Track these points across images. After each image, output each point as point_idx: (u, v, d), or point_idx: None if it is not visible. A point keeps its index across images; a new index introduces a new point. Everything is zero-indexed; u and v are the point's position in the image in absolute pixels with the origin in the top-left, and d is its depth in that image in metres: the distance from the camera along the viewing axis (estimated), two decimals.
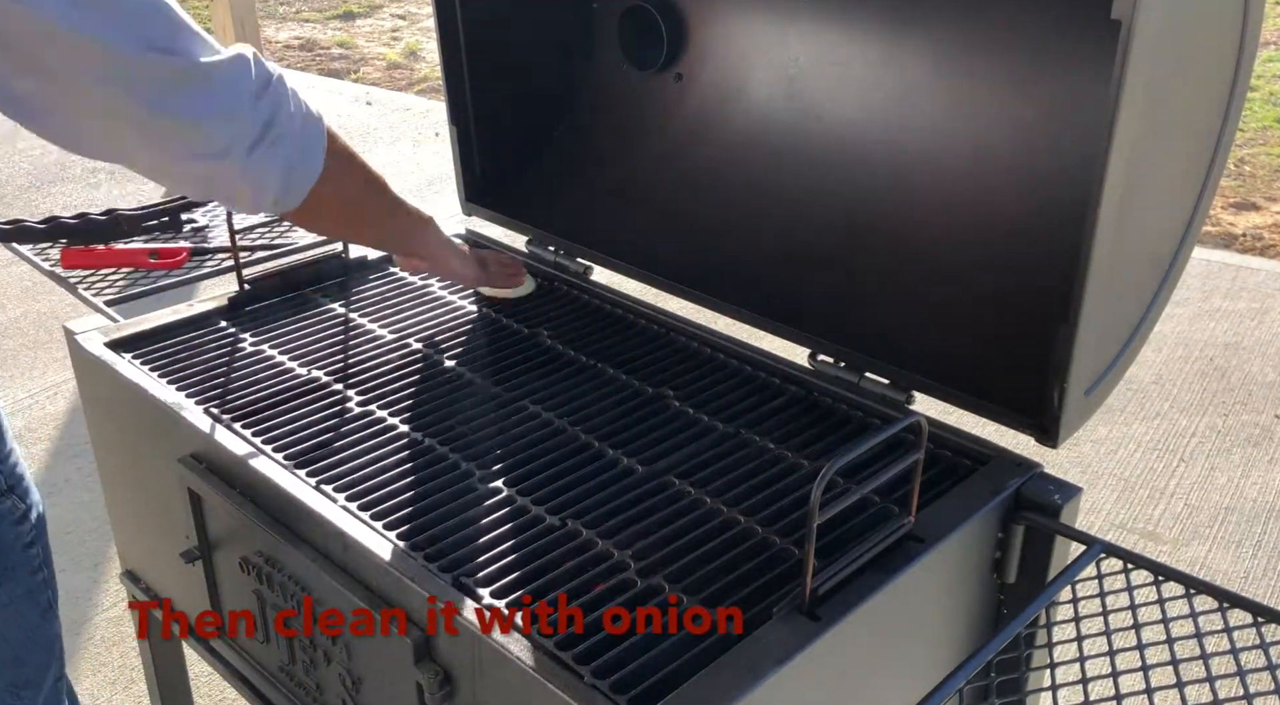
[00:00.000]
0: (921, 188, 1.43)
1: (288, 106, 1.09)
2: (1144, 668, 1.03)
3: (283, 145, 1.08)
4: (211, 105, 1.01)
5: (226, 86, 1.02)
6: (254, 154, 1.06)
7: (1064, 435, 1.19)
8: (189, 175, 1.06)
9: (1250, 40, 1.15)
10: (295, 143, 1.10)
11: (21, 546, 1.12)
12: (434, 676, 1.05)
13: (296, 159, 1.11)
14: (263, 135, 1.06)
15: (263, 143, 1.06)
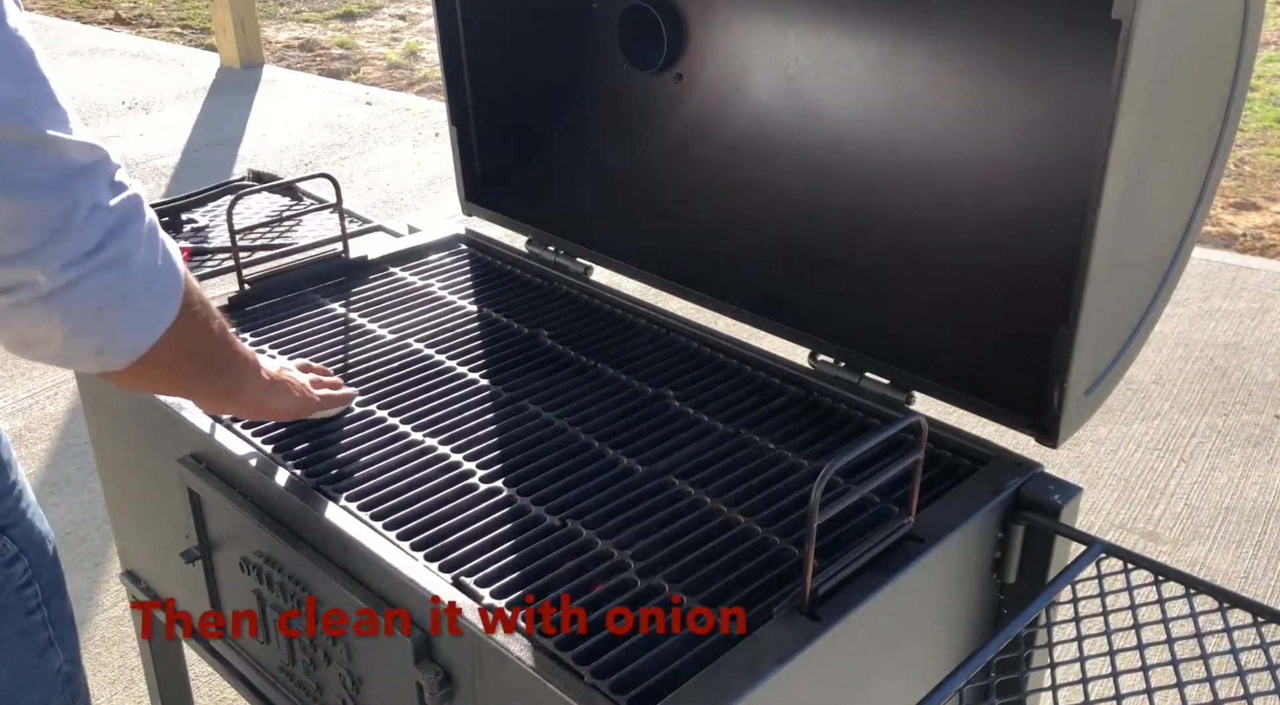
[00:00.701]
0: (921, 187, 1.43)
1: (141, 230, 0.86)
2: (1144, 668, 1.03)
3: (119, 271, 0.84)
4: (36, 180, 0.79)
5: (67, 166, 0.80)
6: (73, 269, 0.81)
7: (1064, 435, 1.19)
8: None
9: (1250, 40, 1.15)
10: (140, 275, 0.86)
11: (14, 588, 1.03)
12: (434, 676, 1.05)
13: (139, 297, 0.87)
14: (95, 249, 0.82)
15: (91, 259, 0.82)
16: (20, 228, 0.79)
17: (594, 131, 1.81)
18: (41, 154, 0.79)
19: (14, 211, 0.78)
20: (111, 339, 0.87)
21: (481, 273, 1.75)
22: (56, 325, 0.83)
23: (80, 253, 0.81)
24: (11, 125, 0.77)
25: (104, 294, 0.84)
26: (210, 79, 6.13)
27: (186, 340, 0.95)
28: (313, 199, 2.05)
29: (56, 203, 0.80)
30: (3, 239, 0.79)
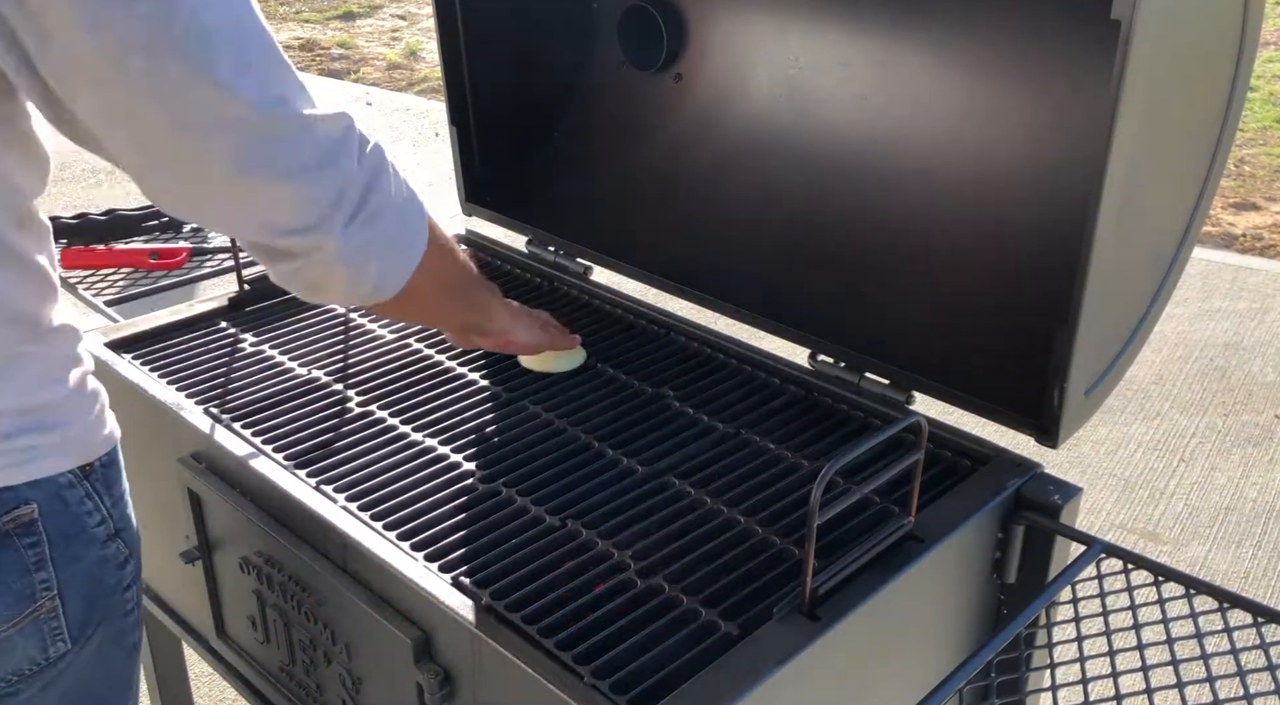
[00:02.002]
0: (921, 187, 1.43)
1: (388, 175, 0.95)
2: (1144, 668, 1.03)
3: (382, 220, 0.94)
4: (309, 162, 0.87)
5: (328, 143, 0.88)
6: (351, 228, 0.92)
7: (1064, 435, 1.19)
8: (275, 252, 0.93)
9: (1250, 40, 1.15)
10: (397, 218, 0.96)
11: (120, 589, 1.06)
12: (434, 676, 1.05)
13: (398, 237, 0.98)
14: (360, 206, 0.92)
15: (360, 215, 0.92)
16: (303, 206, 0.88)
17: (594, 131, 1.80)
18: (306, 138, 0.86)
19: (293, 193, 0.87)
20: (383, 276, 0.98)
21: (481, 273, 1.74)
22: (342, 274, 0.95)
23: (352, 214, 0.91)
24: (276, 117, 0.84)
25: (374, 240, 0.94)
26: None
27: (438, 271, 1.05)
28: None
29: (329, 180, 0.88)
30: (290, 216, 0.89)
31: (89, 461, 1.00)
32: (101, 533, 1.02)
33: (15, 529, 0.95)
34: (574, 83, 1.81)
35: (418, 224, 1.00)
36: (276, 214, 0.89)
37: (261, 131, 0.84)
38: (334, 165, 0.89)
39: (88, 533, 1.01)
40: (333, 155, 0.88)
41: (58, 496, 0.98)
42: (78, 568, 1.00)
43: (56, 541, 0.98)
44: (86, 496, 1.00)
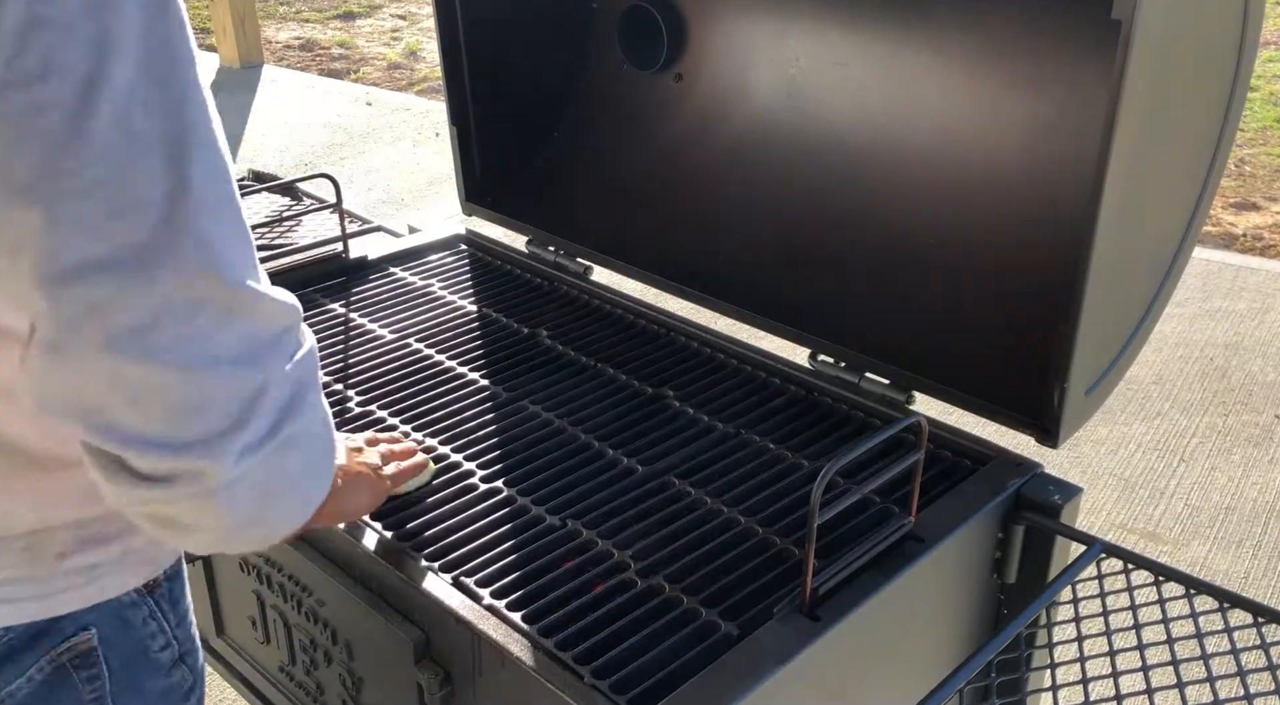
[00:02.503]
0: (921, 187, 1.43)
1: (317, 391, 0.75)
2: (1144, 668, 1.03)
3: (293, 454, 0.73)
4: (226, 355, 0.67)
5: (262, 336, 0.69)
6: (249, 457, 0.69)
7: (1064, 435, 1.19)
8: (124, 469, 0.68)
9: (1250, 40, 1.15)
10: (314, 446, 0.76)
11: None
12: (434, 676, 1.05)
13: (309, 470, 0.76)
14: (273, 432, 0.70)
15: (270, 444, 0.70)
16: (199, 413, 0.67)
17: (594, 131, 1.80)
18: (239, 322, 0.67)
19: (200, 390, 0.66)
20: (276, 524, 0.76)
21: (481, 273, 1.75)
22: (219, 518, 0.71)
23: (258, 439, 0.69)
24: (214, 280, 0.65)
25: (275, 479, 0.72)
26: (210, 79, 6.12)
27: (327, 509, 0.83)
28: (313, 199, 2.05)
29: (246, 383, 0.68)
30: (175, 424, 0.67)
31: (155, 576, 0.87)
32: (166, 658, 0.89)
33: (72, 661, 0.82)
34: (574, 83, 1.81)
35: (327, 448, 0.79)
36: (149, 415, 0.66)
37: (179, 303, 0.65)
38: (257, 365, 0.69)
39: (151, 660, 0.87)
40: (260, 354, 0.69)
41: (119, 617, 0.84)
42: (140, 704, 0.87)
43: (118, 673, 0.84)
44: (150, 616, 0.86)
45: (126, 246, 0.63)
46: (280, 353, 0.70)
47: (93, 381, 0.65)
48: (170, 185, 0.64)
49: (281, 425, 0.71)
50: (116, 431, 0.67)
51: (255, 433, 0.69)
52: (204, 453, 0.67)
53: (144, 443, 0.67)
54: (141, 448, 0.67)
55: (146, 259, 0.64)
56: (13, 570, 0.78)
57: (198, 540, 0.75)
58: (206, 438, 0.67)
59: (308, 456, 0.75)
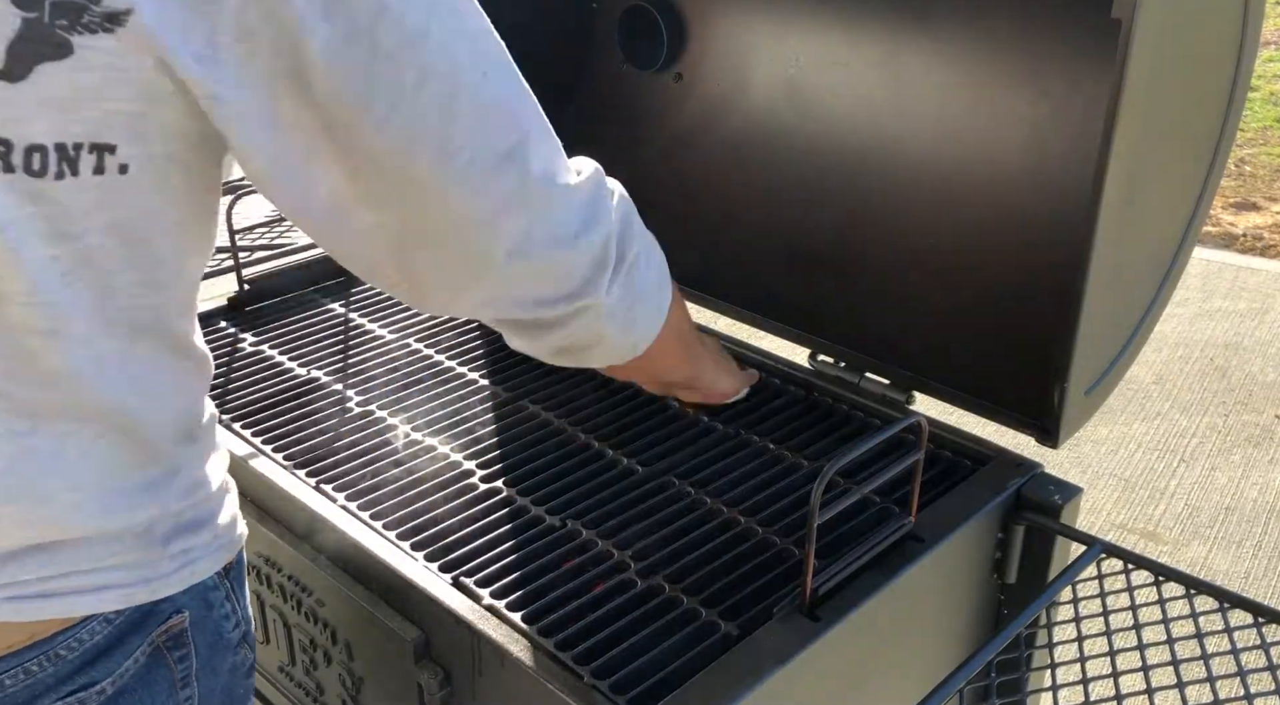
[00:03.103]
0: (921, 187, 1.43)
1: (636, 218, 0.93)
2: (1144, 668, 1.03)
3: (639, 269, 0.92)
4: (577, 228, 0.84)
5: (589, 202, 0.86)
6: (615, 283, 0.89)
7: (1064, 435, 1.19)
8: (532, 324, 0.89)
9: (1250, 40, 1.15)
10: (649, 262, 0.94)
11: (247, 697, 0.99)
12: (434, 676, 1.05)
13: (653, 283, 0.95)
14: (620, 259, 0.89)
15: (622, 268, 0.90)
16: (570, 272, 0.86)
17: (594, 131, 1.80)
18: (572, 205, 0.84)
19: (564, 261, 0.84)
20: (645, 328, 0.96)
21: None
22: (609, 333, 0.92)
23: (615, 268, 0.88)
24: (548, 194, 0.81)
25: (635, 291, 0.92)
26: None
27: (674, 317, 1.01)
28: None
29: (594, 242, 0.86)
30: (555, 286, 0.86)
31: (231, 559, 0.93)
32: (235, 637, 0.95)
33: (166, 642, 0.87)
34: (574, 83, 1.81)
35: (663, 265, 0.97)
36: (542, 287, 0.85)
37: (542, 209, 0.81)
38: (596, 224, 0.86)
39: (225, 638, 0.93)
40: (595, 217, 0.86)
41: (204, 600, 0.90)
42: (215, 682, 0.93)
43: (202, 652, 0.90)
44: (226, 598, 0.93)
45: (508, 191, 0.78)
46: (604, 204, 0.87)
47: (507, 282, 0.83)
48: (519, 87, 0.80)
49: (626, 252, 0.90)
50: (528, 304, 0.86)
51: (614, 265, 0.88)
52: (589, 292, 0.87)
53: (549, 303, 0.86)
54: (549, 307, 0.86)
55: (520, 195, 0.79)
56: (127, 556, 0.83)
57: (594, 355, 0.95)
58: (586, 284, 0.87)
59: (647, 270, 0.94)
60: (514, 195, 0.79)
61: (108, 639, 0.83)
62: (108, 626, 0.83)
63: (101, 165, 0.69)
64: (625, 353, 0.96)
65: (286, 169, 0.73)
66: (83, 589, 0.81)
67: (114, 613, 0.83)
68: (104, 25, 0.64)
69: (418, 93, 0.71)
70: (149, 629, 0.86)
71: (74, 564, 0.80)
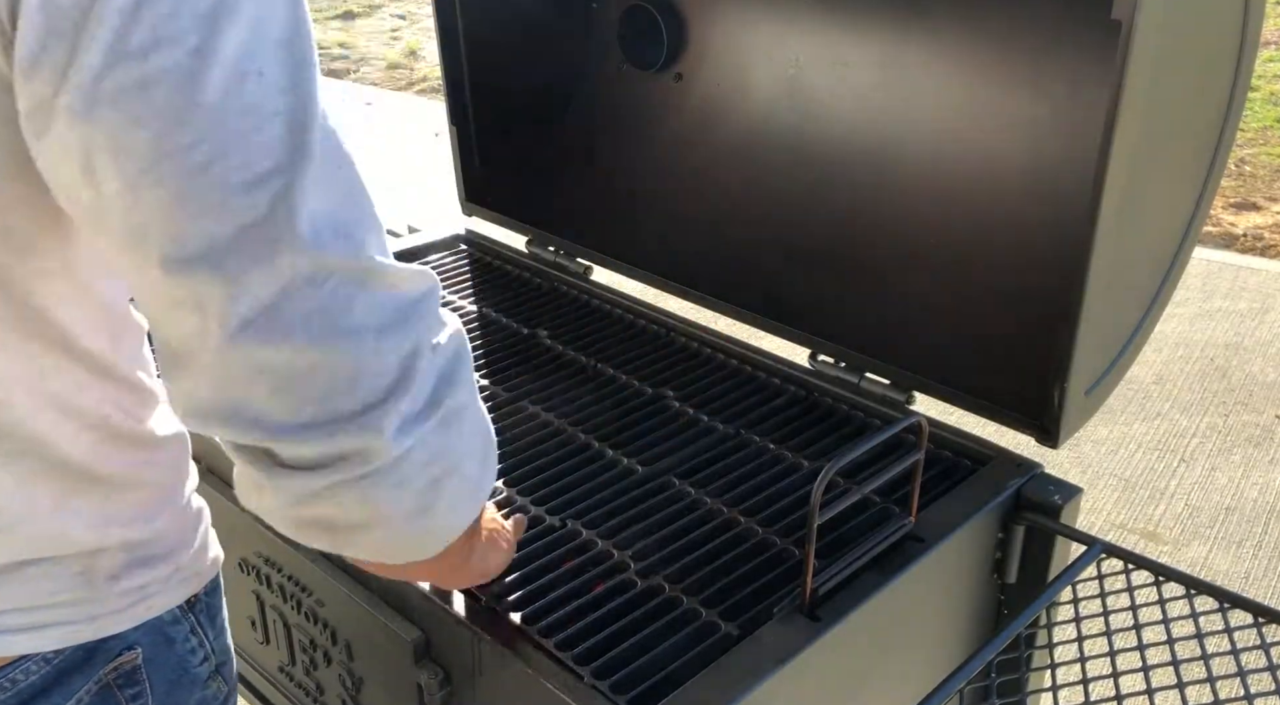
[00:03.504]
0: (921, 187, 1.43)
1: (470, 366, 0.70)
2: (1145, 668, 1.03)
3: (460, 433, 0.69)
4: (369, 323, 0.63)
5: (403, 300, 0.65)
6: (417, 435, 0.65)
7: (1064, 435, 1.19)
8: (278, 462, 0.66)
9: (1250, 40, 1.15)
10: (478, 431, 0.71)
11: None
12: (434, 676, 1.05)
13: (477, 460, 0.72)
14: (432, 404, 0.66)
15: (431, 419, 0.66)
16: (350, 386, 0.62)
17: (594, 131, 1.80)
18: (375, 289, 0.63)
19: (346, 363, 0.62)
20: (446, 515, 0.70)
21: (481, 273, 1.74)
22: (386, 506, 0.66)
23: (418, 408, 0.65)
24: (339, 255, 0.62)
25: (443, 457, 0.67)
26: None
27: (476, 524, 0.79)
28: None
29: (396, 348, 0.64)
30: (326, 403, 0.62)
31: (197, 592, 0.86)
32: (204, 671, 0.89)
33: (117, 680, 0.81)
34: (574, 83, 1.81)
35: (491, 445, 0.74)
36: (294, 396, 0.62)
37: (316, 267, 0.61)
38: (406, 329, 0.64)
39: (190, 674, 0.87)
40: (405, 317, 0.64)
41: (161, 634, 0.83)
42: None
43: (158, 689, 0.84)
44: (191, 632, 0.86)
45: (249, 226, 0.59)
46: (427, 315, 0.66)
47: (232, 375, 0.62)
48: (289, 156, 0.60)
49: (441, 395, 0.66)
50: (265, 423, 0.63)
51: (415, 401, 0.64)
52: (364, 426, 0.62)
53: (297, 429, 0.62)
54: (296, 434, 0.62)
55: (271, 235, 0.59)
56: (67, 594, 0.77)
57: (364, 543, 0.69)
58: (363, 410, 0.62)
59: (472, 436, 0.70)
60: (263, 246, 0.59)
61: (45, 679, 0.78)
62: (45, 666, 0.77)
63: None
64: (409, 548, 0.71)
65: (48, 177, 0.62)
66: (16, 628, 0.75)
67: (52, 652, 0.77)
68: None
69: None
70: (95, 667, 0.80)
71: (7, 601, 0.75)
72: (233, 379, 0.62)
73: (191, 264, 0.59)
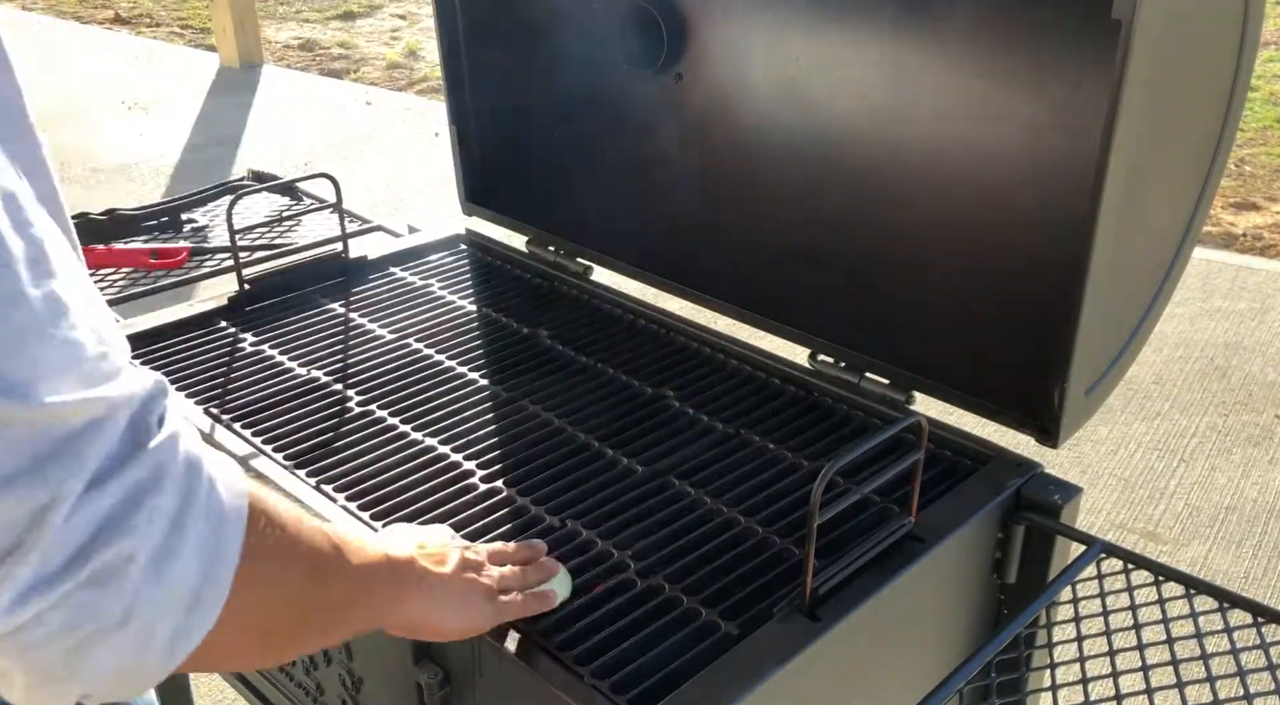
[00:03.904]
0: (921, 187, 1.42)
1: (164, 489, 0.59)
2: (1144, 668, 1.03)
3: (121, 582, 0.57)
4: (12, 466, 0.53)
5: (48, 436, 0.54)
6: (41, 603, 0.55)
7: (1064, 435, 1.19)
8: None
9: (1250, 40, 1.15)
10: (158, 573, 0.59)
11: None
12: (434, 676, 1.05)
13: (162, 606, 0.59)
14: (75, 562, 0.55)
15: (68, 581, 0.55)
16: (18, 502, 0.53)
17: (594, 131, 1.80)
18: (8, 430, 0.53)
19: None
20: (99, 682, 0.59)
21: (481, 273, 1.75)
22: (17, 668, 0.57)
23: (49, 572, 0.55)
24: None
25: (88, 625, 0.57)
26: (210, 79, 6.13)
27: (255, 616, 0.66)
28: (313, 199, 2.05)
29: (19, 504, 0.54)
30: None
31: None
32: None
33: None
34: (574, 82, 1.81)
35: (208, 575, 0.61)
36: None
37: None
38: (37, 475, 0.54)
39: None
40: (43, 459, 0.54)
41: None
42: None
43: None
44: None
45: None
46: (77, 457, 0.55)
47: None
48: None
49: (94, 549, 0.55)
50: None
51: (42, 566, 0.54)
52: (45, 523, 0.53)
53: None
54: None
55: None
56: None
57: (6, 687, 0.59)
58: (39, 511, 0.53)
59: (146, 596, 0.58)
60: None
61: None
62: None
63: None
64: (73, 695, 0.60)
65: None
66: None
67: None
68: None
69: None
70: None
71: None
72: None
73: None
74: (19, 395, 0.52)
